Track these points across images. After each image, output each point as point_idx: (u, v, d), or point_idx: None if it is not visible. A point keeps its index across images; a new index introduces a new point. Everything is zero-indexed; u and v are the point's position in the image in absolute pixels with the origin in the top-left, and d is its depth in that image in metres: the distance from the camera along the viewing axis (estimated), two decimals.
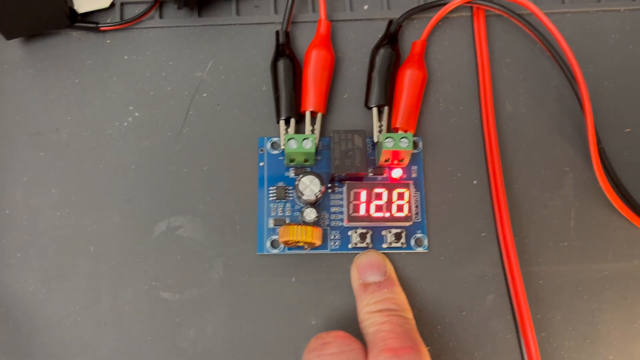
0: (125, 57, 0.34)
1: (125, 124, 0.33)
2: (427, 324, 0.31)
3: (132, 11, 0.34)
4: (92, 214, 0.32)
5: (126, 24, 0.33)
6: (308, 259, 0.32)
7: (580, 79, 0.32)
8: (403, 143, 0.31)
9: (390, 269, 0.31)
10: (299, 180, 0.30)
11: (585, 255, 0.32)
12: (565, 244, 0.32)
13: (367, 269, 0.30)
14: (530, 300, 0.31)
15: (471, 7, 0.35)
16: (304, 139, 0.30)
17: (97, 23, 0.33)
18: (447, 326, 0.31)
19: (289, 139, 0.30)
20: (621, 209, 0.32)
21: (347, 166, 0.31)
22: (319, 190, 0.30)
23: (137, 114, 0.33)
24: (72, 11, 0.33)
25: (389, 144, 0.31)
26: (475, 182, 0.33)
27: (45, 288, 0.31)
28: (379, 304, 0.29)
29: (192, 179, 0.32)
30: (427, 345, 0.30)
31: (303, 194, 0.30)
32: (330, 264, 0.32)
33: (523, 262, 0.32)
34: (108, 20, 0.34)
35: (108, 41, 0.34)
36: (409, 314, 0.29)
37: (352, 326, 0.30)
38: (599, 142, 0.33)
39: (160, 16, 0.34)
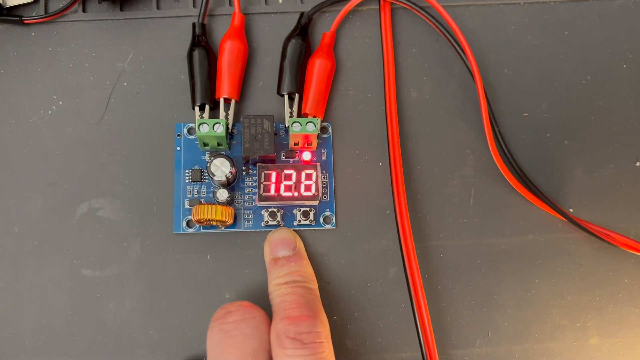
0: (50, 49, 0.35)
1: (50, 112, 0.34)
2: (334, 295, 0.33)
3: (56, 5, 0.36)
4: (17, 196, 0.33)
5: (50, 17, 0.35)
6: (222, 238, 0.34)
7: (475, 67, 0.34)
8: (309, 127, 0.33)
9: (300, 244, 0.33)
10: (211, 162, 0.32)
11: (484, 230, 0.35)
12: (465, 220, 0.35)
13: (277, 245, 0.33)
14: (431, 272, 0.34)
15: (379, 1, 0.37)
16: (215, 124, 0.32)
17: (21, 16, 0.35)
18: (353, 297, 0.33)
19: (200, 124, 0.32)
20: (517, 188, 0.34)
21: (256, 149, 0.33)
22: (230, 172, 0.32)
23: (60, 102, 0.35)
24: None
25: (296, 128, 0.33)
26: (380, 164, 0.35)
27: None
28: (286, 276, 0.31)
29: (112, 163, 0.34)
30: (333, 316, 0.33)
31: (215, 175, 0.32)
32: (243, 242, 0.34)
33: (424, 238, 0.34)
34: (33, 14, 0.35)
35: (33, 34, 0.35)
36: (314, 285, 0.32)
37: (263, 299, 0.32)
38: (495, 126, 0.35)
39: (84, 10, 0.36)
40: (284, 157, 0.35)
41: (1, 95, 0.34)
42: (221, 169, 0.32)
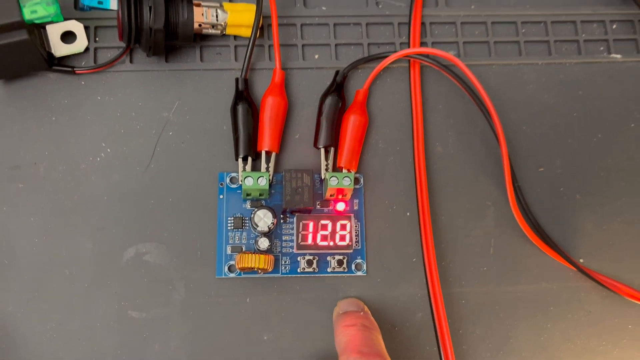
0: (99, 98, 0.37)
1: (98, 159, 0.36)
2: None
3: (105, 55, 0.38)
4: (67, 240, 0.35)
5: (100, 68, 0.37)
6: (261, 282, 0.36)
7: (498, 124, 0.36)
8: (345, 181, 0.35)
9: (367, 310, 0.35)
10: (254, 213, 0.35)
11: (502, 278, 0.37)
12: (485, 268, 0.37)
13: (347, 305, 0.35)
14: (453, 317, 0.37)
15: (408, 60, 0.39)
16: (259, 177, 0.35)
17: (73, 67, 0.36)
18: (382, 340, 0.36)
19: (245, 177, 0.35)
20: (533, 239, 0.37)
21: (297, 201, 0.35)
22: (272, 223, 0.35)
23: (108, 150, 0.36)
24: (50, 55, 0.36)
25: (333, 182, 0.35)
26: (408, 214, 0.37)
27: (23, 308, 0.34)
28: (355, 320, 0.33)
29: (158, 209, 0.36)
30: None
31: (258, 226, 0.35)
32: (281, 287, 0.36)
33: (447, 284, 0.37)
34: (82, 63, 0.37)
35: (82, 83, 0.37)
36: (379, 336, 0.33)
37: (300, 341, 0.35)
38: (515, 181, 0.38)
39: (131, 61, 0.38)
40: (319, 207, 0.37)
41: (52, 142, 0.36)
42: (264, 220, 0.35)
